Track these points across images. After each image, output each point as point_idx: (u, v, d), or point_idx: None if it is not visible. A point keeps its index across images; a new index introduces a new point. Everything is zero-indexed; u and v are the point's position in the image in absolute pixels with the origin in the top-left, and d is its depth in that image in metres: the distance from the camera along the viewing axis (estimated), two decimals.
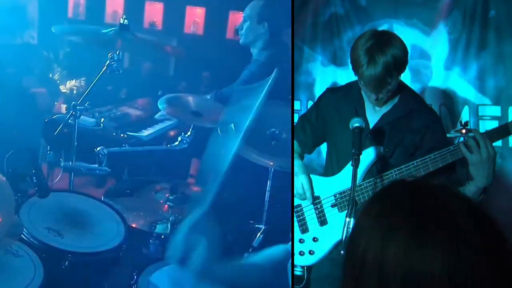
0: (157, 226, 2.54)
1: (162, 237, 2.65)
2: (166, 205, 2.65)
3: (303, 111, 3.53)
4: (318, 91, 3.56)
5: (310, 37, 3.62)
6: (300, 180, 2.38)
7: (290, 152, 2.58)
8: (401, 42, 2.20)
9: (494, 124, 3.14)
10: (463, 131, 2.33)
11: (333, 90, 2.61)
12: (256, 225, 2.87)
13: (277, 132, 2.86)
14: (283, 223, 2.98)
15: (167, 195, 2.69)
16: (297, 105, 3.65)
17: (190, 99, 3.04)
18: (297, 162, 2.44)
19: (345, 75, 3.32)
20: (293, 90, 3.50)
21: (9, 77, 3.19)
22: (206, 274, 1.58)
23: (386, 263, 0.84)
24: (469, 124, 3.01)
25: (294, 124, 3.67)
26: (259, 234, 2.87)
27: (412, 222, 0.85)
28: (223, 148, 2.16)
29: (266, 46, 3.37)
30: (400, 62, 2.16)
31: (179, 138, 3.06)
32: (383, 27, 3.23)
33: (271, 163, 2.74)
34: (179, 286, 2.22)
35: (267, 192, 2.84)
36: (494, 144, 2.15)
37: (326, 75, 3.60)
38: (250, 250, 2.83)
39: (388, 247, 0.84)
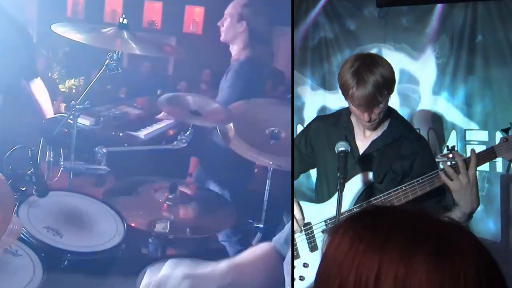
0: (156, 225, 2.54)
1: (161, 236, 2.65)
2: (166, 205, 2.65)
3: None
4: (308, 114, 3.57)
5: (300, 61, 3.63)
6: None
7: (290, 151, 2.58)
8: (387, 62, 2.22)
9: (482, 148, 3.16)
10: (450, 155, 2.34)
11: (323, 118, 2.62)
12: (255, 224, 2.87)
13: (276, 131, 2.86)
14: (282, 222, 2.98)
15: (166, 195, 2.68)
16: None
17: (189, 98, 3.04)
18: None
19: (334, 99, 3.34)
20: (293, 89, 3.51)
21: (7, 76, 3.18)
22: None
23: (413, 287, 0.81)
24: (456, 148, 3.03)
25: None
26: (258, 233, 2.87)
27: (429, 244, 0.83)
28: None
29: (245, 46, 3.35)
30: (388, 80, 2.17)
31: (178, 138, 3.05)
32: (372, 51, 3.25)
33: (270, 162, 2.74)
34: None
35: (266, 191, 2.85)
36: (481, 168, 2.16)
37: (315, 99, 3.62)
38: None
39: (412, 270, 0.81)
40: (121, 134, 3.37)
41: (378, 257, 0.84)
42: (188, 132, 3.06)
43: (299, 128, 3.53)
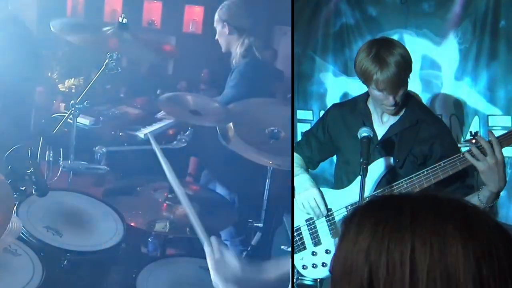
0: (156, 224, 2.54)
1: (161, 236, 2.65)
2: (165, 204, 2.65)
3: (315, 121, 3.53)
4: (330, 101, 3.56)
5: (322, 47, 3.62)
6: (311, 195, 2.38)
7: (290, 150, 2.58)
8: (401, 43, 2.26)
9: None
10: (473, 141, 2.33)
11: (339, 105, 2.64)
12: (255, 224, 2.87)
13: (276, 130, 2.86)
14: (282, 222, 2.98)
15: (165, 194, 2.68)
16: (309, 115, 3.65)
17: (189, 98, 3.04)
18: (304, 176, 2.44)
19: (356, 85, 3.29)
20: (293, 88, 3.50)
21: (7, 76, 3.18)
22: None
23: (451, 268, 0.81)
24: (479, 134, 3.00)
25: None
26: (257, 232, 2.87)
27: (457, 223, 0.84)
28: None
29: (239, 46, 3.35)
30: (408, 60, 2.19)
31: (178, 137, 3.05)
32: (394, 37, 3.22)
33: (270, 162, 2.74)
34: (177, 284, 2.23)
35: (265, 191, 2.84)
36: (505, 150, 2.15)
37: (337, 85, 3.60)
38: (248, 249, 2.83)
39: (445, 252, 0.82)
40: (120, 134, 3.37)
41: (410, 235, 0.82)
42: (187, 132, 3.06)
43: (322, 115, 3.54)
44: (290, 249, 2.52)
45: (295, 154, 2.59)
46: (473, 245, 0.82)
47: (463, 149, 2.25)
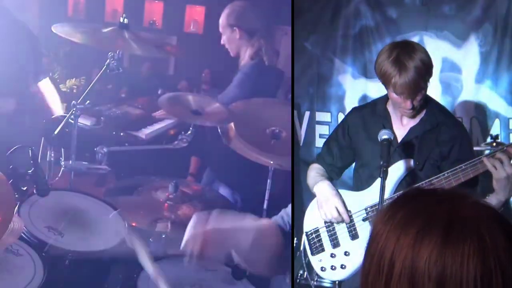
0: (157, 225, 2.54)
1: (163, 236, 2.65)
2: (166, 204, 2.65)
3: (333, 123, 3.52)
4: (349, 103, 3.54)
5: (341, 49, 3.60)
6: (333, 204, 2.38)
7: (290, 150, 2.59)
8: (423, 47, 2.25)
9: None
10: (494, 144, 2.31)
11: (358, 108, 2.63)
12: None
13: (277, 130, 2.86)
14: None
15: (167, 194, 2.68)
16: (327, 117, 3.64)
17: (190, 98, 3.04)
18: (324, 184, 2.45)
19: (375, 88, 3.28)
20: (293, 88, 3.50)
21: (8, 75, 3.19)
22: None
23: (418, 271, 0.88)
24: (499, 137, 2.99)
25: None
26: None
27: (439, 229, 0.89)
28: None
29: (249, 49, 3.34)
30: (428, 65, 2.18)
31: (179, 137, 3.06)
32: (414, 39, 3.21)
33: (271, 162, 2.74)
34: (178, 284, 2.22)
35: (267, 191, 2.84)
36: None
37: (356, 87, 3.58)
38: None
39: (418, 254, 0.89)
40: (122, 134, 3.37)
41: (394, 242, 0.92)
42: (189, 132, 3.06)
43: (340, 117, 3.51)
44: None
45: (316, 164, 2.59)
46: (443, 263, 0.87)
47: (487, 152, 2.23)
